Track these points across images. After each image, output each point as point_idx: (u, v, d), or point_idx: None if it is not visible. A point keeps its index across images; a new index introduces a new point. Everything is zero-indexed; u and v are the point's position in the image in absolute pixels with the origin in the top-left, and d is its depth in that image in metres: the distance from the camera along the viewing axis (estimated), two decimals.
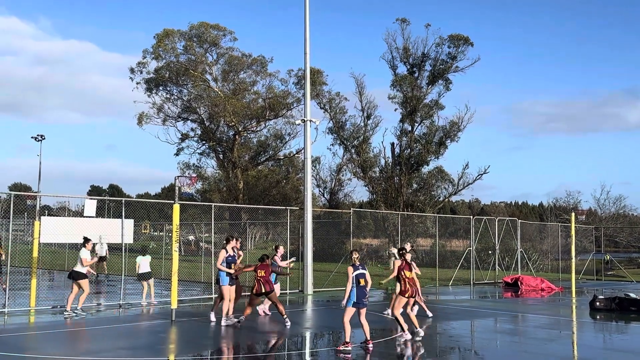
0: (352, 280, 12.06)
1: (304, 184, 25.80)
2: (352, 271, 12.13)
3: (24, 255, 26.03)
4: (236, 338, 13.54)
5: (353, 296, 12.05)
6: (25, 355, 11.32)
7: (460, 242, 44.17)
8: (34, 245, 18.09)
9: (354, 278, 12.08)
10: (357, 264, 12.24)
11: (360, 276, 12.11)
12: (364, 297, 12.09)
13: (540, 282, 28.53)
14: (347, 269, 12.25)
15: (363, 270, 12.20)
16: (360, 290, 12.07)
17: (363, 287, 12.11)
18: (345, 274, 12.52)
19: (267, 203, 44.54)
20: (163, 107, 51.33)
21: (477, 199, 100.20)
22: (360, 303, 12.09)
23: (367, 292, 12.22)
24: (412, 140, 47.20)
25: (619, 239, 56.17)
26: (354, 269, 12.15)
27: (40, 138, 61.14)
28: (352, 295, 12.06)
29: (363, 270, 12.22)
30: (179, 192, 20.33)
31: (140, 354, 11.85)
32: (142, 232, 41.76)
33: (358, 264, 12.24)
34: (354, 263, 12.24)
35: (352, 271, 12.13)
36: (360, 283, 12.08)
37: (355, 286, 12.06)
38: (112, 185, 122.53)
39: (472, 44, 47.35)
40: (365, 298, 12.13)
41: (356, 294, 12.05)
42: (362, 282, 12.09)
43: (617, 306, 19.71)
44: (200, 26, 49.94)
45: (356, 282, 12.07)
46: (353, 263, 12.25)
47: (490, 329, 15.93)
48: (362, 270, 12.18)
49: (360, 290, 12.07)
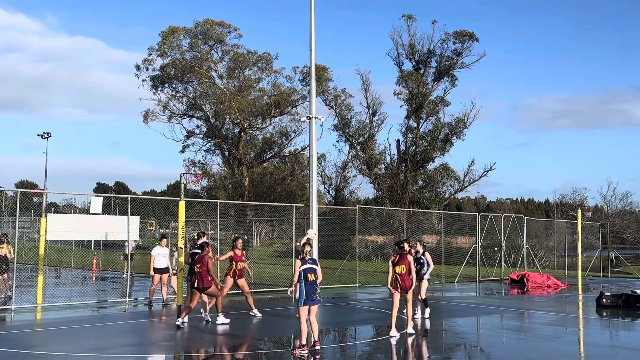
0: (300, 275, 11.17)
1: (309, 180, 25.75)
2: (300, 265, 11.22)
3: (31, 252, 26.14)
4: (240, 335, 13.55)
5: (302, 294, 11.12)
6: (32, 352, 11.36)
7: (466, 239, 44.09)
8: (40, 243, 18.15)
9: (301, 273, 11.18)
10: (307, 257, 11.31)
11: (309, 271, 11.18)
12: (314, 294, 11.15)
13: (546, 279, 28.46)
14: (295, 262, 11.41)
15: (313, 265, 11.27)
16: (310, 286, 11.15)
17: (312, 283, 11.20)
18: (350, 270, 12.32)
19: (273, 200, 44.55)
20: (168, 105, 51.41)
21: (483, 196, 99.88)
22: (311, 300, 11.15)
23: (317, 288, 11.25)
24: (417, 137, 47.13)
25: (626, 235, 55.98)
26: (301, 263, 11.24)
27: (47, 135, 61.31)
28: (301, 293, 11.13)
29: (313, 264, 11.29)
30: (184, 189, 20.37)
31: (146, 351, 11.88)
32: (148, 229, 41.86)
33: (308, 258, 11.31)
34: (303, 257, 11.31)
35: (300, 265, 11.22)
36: (309, 279, 11.16)
37: (304, 282, 11.14)
38: (118, 182, 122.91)
39: (477, 39, 47.28)
40: (315, 294, 11.17)
41: (305, 291, 11.12)
42: (311, 277, 11.16)
43: (623, 303, 19.65)
44: (205, 23, 49.96)
45: (304, 277, 11.16)
46: (303, 256, 11.32)
47: (496, 326, 15.90)
48: (311, 265, 11.26)
49: (309, 286, 11.14)
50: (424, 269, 16.19)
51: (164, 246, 18.35)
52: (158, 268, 18.24)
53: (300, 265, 11.23)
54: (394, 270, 13.20)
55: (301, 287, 11.17)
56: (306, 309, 11.21)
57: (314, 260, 11.43)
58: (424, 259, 16.22)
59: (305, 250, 11.39)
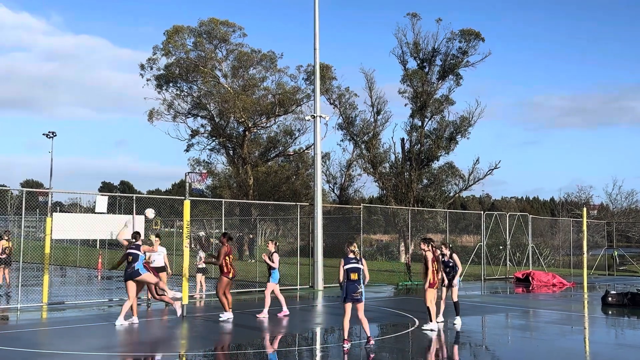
0: (344, 274, 11.48)
1: (314, 179, 25.80)
2: (343, 264, 11.53)
3: (36, 251, 26.22)
4: (246, 334, 13.56)
5: (344, 291, 11.54)
6: (39, 351, 11.40)
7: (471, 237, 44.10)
8: (46, 242, 18.22)
9: (345, 272, 11.49)
10: (350, 256, 11.60)
11: (352, 270, 11.48)
12: (353, 292, 11.45)
13: (551, 278, 28.41)
14: (340, 262, 11.65)
15: (357, 265, 11.54)
16: (351, 285, 11.45)
17: (354, 282, 11.48)
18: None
19: (277, 199, 44.57)
20: (173, 104, 51.48)
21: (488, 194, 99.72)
22: (351, 298, 11.49)
23: (358, 287, 11.52)
24: (422, 136, 47.07)
25: (631, 234, 55.81)
26: (345, 262, 11.54)
27: (52, 135, 61.47)
28: (343, 291, 11.55)
29: (357, 264, 11.55)
30: (189, 188, 20.40)
31: (151, 350, 11.91)
32: (153, 228, 41.91)
33: (352, 257, 11.59)
34: (350, 256, 11.60)
35: (343, 264, 11.53)
36: (351, 277, 11.47)
37: (346, 281, 11.46)
38: (123, 181, 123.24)
39: (483, 39, 47.13)
40: (355, 293, 11.47)
41: (346, 290, 11.49)
42: (353, 276, 11.47)
43: (629, 301, 19.60)
44: (209, 22, 49.99)
45: (347, 276, 11.48)
46: (349, 255, 11.62)
47: (502, 324, 15.87)
48: (355, 265, 11.53)
49: (350, 285, 11.45)
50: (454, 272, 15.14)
51: (158, 246, 18.42)
52: (154, 267, 18.37)
53: (344, 265, 11.55)
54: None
55: (344, 286, 11.54)
56: (349, 306, 11.62)
57: (359, 260, 11.70)
58: (452, 261, 15.19)
59: (351, 249, 11.70)
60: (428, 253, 14.17)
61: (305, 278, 24.35)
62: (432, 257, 14.20)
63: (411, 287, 25.58)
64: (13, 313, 16.41)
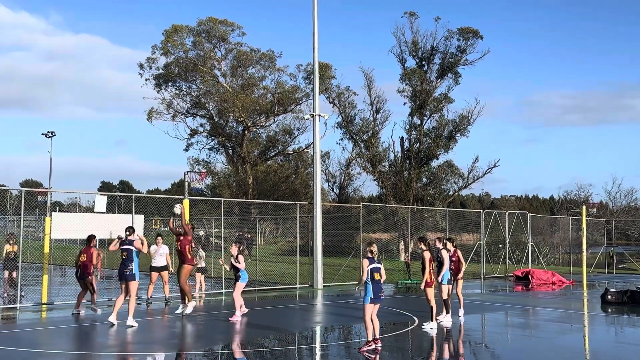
0: (367, 273, 11.54)
1: (313, 178, 25.80)
2: (368, 264, 11.57)
3: (36, 251, 26.21)
4: (246, 333, 13.56)
5: (369, 292, 11.54)
6: (38, 350, 11.40)
7: (471, 235, 44.03)
8: (45, 241, 18.21)
9: (369, 272, 11.58)
10: (373, 257, 11.75)
11: (375, 270, 11.60)
12: (380, 292, 11.63)
13: (551, 276, 28.42)
14: (363, 262, 11.72)
15: (378, 265, 11.68)
16: (376, 285, 11.60)
17: (378, 282, 11.65)
18: (355, 268, 12.37)
19: (277, 198, 44.58)
20: (172, 103, 51.52)
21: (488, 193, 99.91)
22: (377, 299, 11.62)
23: (382, 287, 11.75)
24: (421, 134, 47.08)
25: (631, 232, 55.82)
26: (369, 262, 11.62)
27: (51, 135, 61.39)
28: (368, 291, 11.56)
29: (378, 264, 11.70)
30: (188, 187, 20.41)
31: (151, 349, 11.90)
32: (152, 227, 41.93)
33: (373, 257, 11.76)
34: (371, 256, 11.72)
35: (368, 264, 11.57)
36: (375, 277, 11.60)
37: (371, 281, 11.57)
38: (122, 181, 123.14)
39: (481, 37, 47.13)
40: (381, 293, 11.67)
41: (372, 290, 11.56)
42: (377, 276, 11.60)
43: (628, 299, 19.61)
44: (208, 21, 50.00)
45: (371, 276, 11.58)
46: (370, 256, 11.73)
47: (501, 322, 15.88)
48: (377, 264, 11.66)
49: (376, 285, 11.59)
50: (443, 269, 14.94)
51: (161, 245, 18.49)
52: (156, 267, 18.47)
53: (368, 265, 11.57)
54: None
55: (368, 286, 11.54)
56: (371, 307, 11.62)
57: (379, 260, 11.85)
58: (441, 257, 14.97)
59: (370, 251, 11.81)
60: (426, 253, 14.27)
61: (304, 277, 24.35)
62: (430, 256, 14.29)
63: (411, 285, 25.59)
64: (12, 313, 16.40)
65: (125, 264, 14.02)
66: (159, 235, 18.96)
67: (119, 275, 14.19)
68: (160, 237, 18.66)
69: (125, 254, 14.08)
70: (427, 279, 14.23)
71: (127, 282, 14.02)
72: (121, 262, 14.13)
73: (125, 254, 14.08)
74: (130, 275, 13.98)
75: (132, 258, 14.08)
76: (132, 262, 14.05)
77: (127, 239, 14.28)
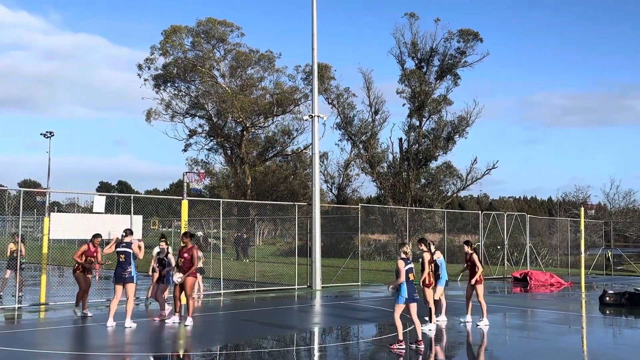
0: (404, 275, 11.58)
1: (312, 179, 25.80)
2: (404, 265, 11.63)
3: (34, 251, 26.18)
4: (245, 334, 13.56)
5: (404, 292, 11.60)
6: (37, 351, 11.39)
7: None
8: (43, 242, 18.19)
9: (405, 273, 11.61)
10: (407, 257, 11.83)
11: (410, 271, 11.67)
12: (414, 292, 11.75)
13: (549, 277, 28.44)
14: (398, 263, 11.73)
15: (412, 265, 11.78)
16: (410, 285, 11.68)
17: (412, 282, 11.74)
18: (353, 269, 12.42)
19: (275, 199, 44.57)
20: (171, 104, 51.48)
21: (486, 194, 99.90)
22: (412, 299, 11.73)
23: (415, 287, 11.87)
24: (420, 136, 47.11)
25: (629, 233, 55.93)
26: (405, 263, 11.67)
27: (49, 135, 61.37)
28: (402, 291, 11.61)
29: (411, 264, 11.79)
30: (187, 188, 20.39)
31: (150, 350, 11.90)
32: (151, 228, 41.90)
33: (408, 258, 11.83)
34: (406, 257, 11.78)
35: (404, 265, 11.63)
36: (410, 278, 11.69)
37: (405, 281, 11.61)
38: (120, 181, 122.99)
39: (481, 39, 47.21)
40: (415, 293, 11.79)
41: (407, 290, 11.63)
42: (411, 276, 11.71)
43: (627, 301, 19.63)
44: (207, 22, 49.99)
45: (406, 277, 11.63)
46: (405, 257, 11.79)
47: (499, 324, 15.88)
48: (411, 265, 11.74)
49: (410, 285, 11.67)
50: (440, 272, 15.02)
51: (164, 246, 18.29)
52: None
53: (405, 265, 11.66)
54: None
55: (403, 286, 11.63)
56: (402, 307, 11.70)
57: (411, 261, 11.95)
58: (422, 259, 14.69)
59: (406, 251, 11.90)
60: (426, 254, 14.25)
61: (303, 278, 24.35)
62: (430, 257, 14.31)
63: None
64: (11, 313, 16.39)
65: (123, 267, 13.94)
66: (163, 236, 18.88)
67: (115, 278, 14.06)
68: (164, 239, 18.56)
69: (122, 257, 14.01)
70: (426, 281, 14.25)
71: (125, 284, 13.95)
72: (118, 264, 14.02)
73: (122, 256, 14.01)
74: (129, 277, 13.93)
75: (130, 261, 14.02)
76: (130, 265, 13.98)
77: (125, 242, 14.24)
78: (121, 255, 14.04)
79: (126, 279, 13.95)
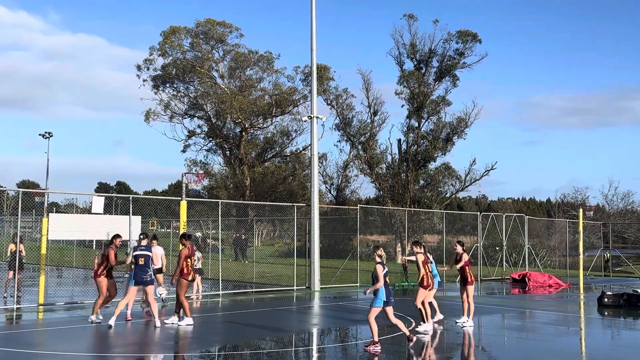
0: (382, 279, 11.71)
1: (311, 180, 25.81)
2: (382, 270, 11.78)
3: (32, 252, 26.18)
4: (243, 335, 13.56)
5: (382, 295, 11.78)
6: (35, 351, 11.39)
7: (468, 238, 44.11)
8: (42, 242, 18.19)
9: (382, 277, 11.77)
10: (382, 260, 11.96)
11: (387, 274, 11.87)
12: (390, 295, 11.92)
13: (547, 279, 28.46)
14: (377, 267, 11.82)
15: (387, 269, 11.96)
16: (387, 288, 11.86)
17: (389, 285, 11.94)
18: (352, 270, 12.46)
19: (274, 200, 44.57)
20: (170, 104, 51.47)
21: (485, 195, 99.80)
22: (389, 302, 11.88)
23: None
24: (419, 137, 47.15)
25: (627, 235, 55.97)
26: (383, 268, 11.82)
27: (48, 135, 61.36)
28: (380, 295, 11.78)
29: (387, 268, 11.97)
30: (186, 188, 20.40)
31: (149, 351, 11.90)
32: (150, 228, 41.90)
33: (383, 261, 11.95)
34: (381, 260, 11.91)
35: (382, 270, 11.78)
36: (387, 282, 11.88)
37: (383, 285, 11.77)
38: (119, 182, 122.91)
39: (480, 40, 47.28)
40: (391, 297, 11.96)
41: (385, 293, 11.79)
42: (387, 280, 11.90)
43: (625, 302, 19.65)
44: (206, 23, 50.02)
45: (383, 281, 11.79)
46: (382, 261, 11.91)
47: (498, 325, 15.90)
48: (386, 269, 11.91)
49: (387, 288, 11.84)
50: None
51: (156, 246, 18.26)
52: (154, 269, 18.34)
53: (383, 270, 11.79)
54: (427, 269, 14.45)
55: (381, 290, 11.78)
56: (378, 310, 11.83)
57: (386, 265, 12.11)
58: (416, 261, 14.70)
59: (382, 254, 12.02)
60: (419, 255, 14.31)
61: (301, 279, 24.35)
62: (424, 259, 14.32)
63: (407, 287, 25.61)
64: (10, 314, 16.38)
65: (144, 270, 14.27)
66: (155, 237, 18.89)
67: (135, 281, 14.26)
68: (155, 240, 18.56)
69: (142, 260, 14.28)
70: (424, 282, 14.26)
71: (146, 286, 14.48)
72: (138, 266, 14.23)
73: (142, 259, 14.29)
74: (150, 280, 14.44)
75: (149, 264, 14.41)
76: (150, 268, 14.43)
77: (142, 245, 14.56)
78: (140, 259, 14.31)
79: (147, 282, 14.38)
